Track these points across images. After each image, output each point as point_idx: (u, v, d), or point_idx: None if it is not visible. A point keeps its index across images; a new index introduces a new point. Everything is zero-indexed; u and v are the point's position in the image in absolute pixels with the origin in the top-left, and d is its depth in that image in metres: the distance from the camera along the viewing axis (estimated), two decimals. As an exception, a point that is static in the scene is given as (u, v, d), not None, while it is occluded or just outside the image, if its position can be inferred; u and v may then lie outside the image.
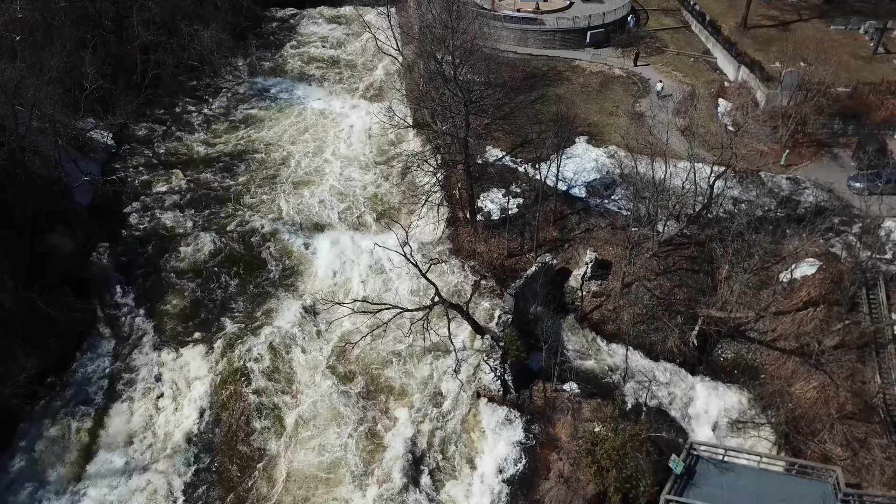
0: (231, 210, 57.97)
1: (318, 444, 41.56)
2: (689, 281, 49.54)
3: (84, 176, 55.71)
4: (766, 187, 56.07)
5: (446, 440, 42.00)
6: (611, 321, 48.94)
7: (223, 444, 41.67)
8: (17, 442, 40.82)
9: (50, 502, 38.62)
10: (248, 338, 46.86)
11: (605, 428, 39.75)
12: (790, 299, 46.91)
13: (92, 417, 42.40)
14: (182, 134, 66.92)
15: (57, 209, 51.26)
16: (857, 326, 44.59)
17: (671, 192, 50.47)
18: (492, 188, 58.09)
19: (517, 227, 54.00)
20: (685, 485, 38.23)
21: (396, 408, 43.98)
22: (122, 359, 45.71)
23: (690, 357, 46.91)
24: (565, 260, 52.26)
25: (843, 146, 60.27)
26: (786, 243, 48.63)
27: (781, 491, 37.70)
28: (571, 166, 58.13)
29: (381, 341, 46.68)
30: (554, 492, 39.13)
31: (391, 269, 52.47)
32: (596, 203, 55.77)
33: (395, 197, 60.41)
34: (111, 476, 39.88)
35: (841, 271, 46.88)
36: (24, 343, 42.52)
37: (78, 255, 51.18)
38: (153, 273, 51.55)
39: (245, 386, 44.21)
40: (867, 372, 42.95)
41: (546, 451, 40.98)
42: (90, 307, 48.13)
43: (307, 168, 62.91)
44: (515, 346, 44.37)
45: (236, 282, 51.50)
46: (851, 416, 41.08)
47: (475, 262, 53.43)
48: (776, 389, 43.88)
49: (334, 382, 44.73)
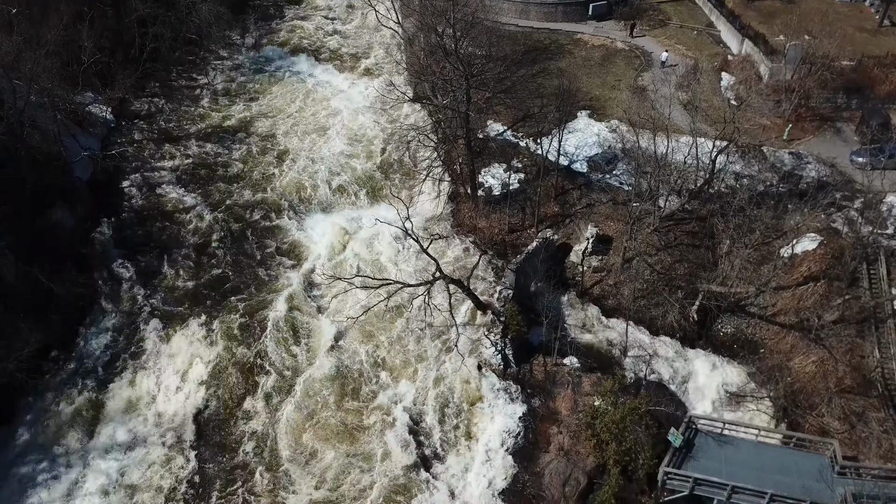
0: (231, 185, 57.82)
1: (321, 417, 41.96)
2: (689, 256, 49.56)
3: (83, 151, 55.43)
4: (768, 162, 55.82)
5: (448, 413, 42.38)
6: (611, 296, 49.09)
7: (226, 417, 42.10)
8: (23, 415, 41.25)
9: (56, 474, 39.09)
10: (249, 312, 47.10)
11: (605, 402, 40.08)
12: (791, 274, 46.98)
13: (96, 391, 42.80)
14: (181, 108, 66.48)
15: (57, 184, 51.09)
16: (857, 301, 44.72)
17: (673, 167, 50.37)
18: (493, 163, 57.88)
19: (518, 202, 53.90)
20: (684, 457, 38.64)
21: (398, 382, 44.30)
22: (125, 333, 45.95)
23: (690, 332, 47.13)
24: (566, 235, 52.25)
25: (846, 120, 59.89)
26: (787, 218, 48.58)
27: (779, 463, 38.09)
28: (573, 141, 57.84)
29: (383, 316, 46.79)
30: (554, 464, 39.57)
31: (392, 245, 52.44)
32: (597, 178, 55.60)
33: (395, 172, 60.18)
34: (116, 449, 40.34)
35: (842, 246, 46.87)
36: (27, 318, 42.67)
37: (79, 230, 51.16)
38: (154, 248, 51.58)
39: (247, 360, 44.52)
40: (866, 346, 43.16)
41: (546, 425, 41.36)
42: (92, 282, 48.26)
43: (307, 143, 62.57)
44: (516, 321, 44.56)
45: (237, 257, 51.54)
46: (850, 390, 41.38)
47: (476, 237, 53.44)
48: (775, 364, 44.17)
49: (336, 357, 45.00)
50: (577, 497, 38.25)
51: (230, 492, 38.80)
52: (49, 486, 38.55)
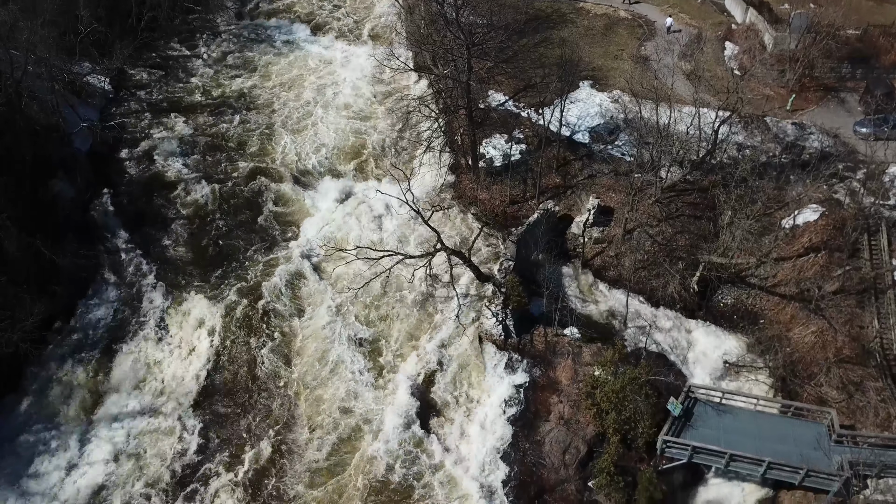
0: (231, 156, 57.56)
1: (324, 388, 42.38)
2: (691, 227, 49.56)
3: (82, 122, 55.11)
4: (771, 133, 55.54)
5: (449, 383, 42.74)
6: (612, 267, 49.18)
7: (229, 387, 42.47)
8: (28, 385, 41.65)
9: (61, 443, 39.57)
10: (250, 283, 47.27)
11: (605, 371, 40.41)
12: (792, 245, 47.03)
13: (99, 361, 43.14)
14: (180, 78, 65.92)
15: (56, 155, 50.96)
16: (858, 272, 44.84)
17: (675, 138, 50.17)
18: (494, 134, 57.58)
19: (519, 173, 53.72)
20: (683, 426, 39.10)
21: (400, 353, 44.60)
22: (128, 304, 46.17)
23: (691, 302, 47.33)
24: (567, 207, 52.18)
25: (850, 90, 59.44)
26: (789, 189, 48.54)
27: (777, 432, 38.54)
28: (575, 111, 57.45)
29: (384, 288, 46.94)
30: (554, 433, 40.02)
31: (393, 216, 52.41)
32: (599, 149, 55.36)
33: (396, 143, 59.85)
34: (120, 418, 40.81)
35: (843, 217, 46.84)
36: (30, 289, 42.82)
37: (79, 201, 51.13)
38: (155, 219, 51.57)
39: (248, 331, 44.78)
40: (865, 317, 43.36)
41: (546, 394, 41.74)
42: (94, 254, 48.30)
43: (307, 113, 62.12)
44: (517, 293, 44.71)
45: (238, 228, 51.55)
46: (848, 360, 41.68)
47: (477, 208, 53.35)
48: (775, 334, 44.43)
49: (338, 329, 45.24)
50: (576, 464, 38.75)
51: (235, 459, 39.30)
52: (55, 454, 39.08)
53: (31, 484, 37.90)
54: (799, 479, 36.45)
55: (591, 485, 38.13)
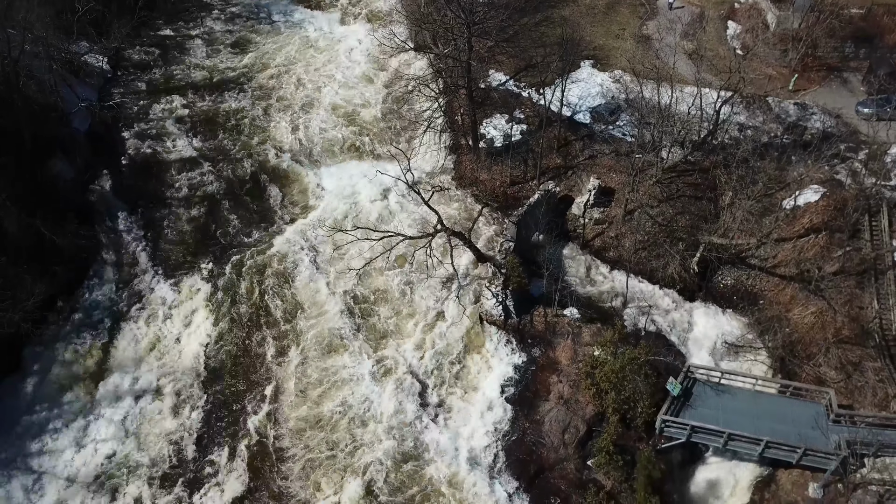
0: (230, 135, 57.37)
1: (325, 366, 42.57)
2: (691, 208, 49.48)
3: (81, 101, 54.88)
4: (772, 113, 55.26)
5: (450, 363, 42.94)
6: (612, 248, 49.18)
7: (229, 365, 42.75)
8: (31, 365, 41.84)
9: (65, 422, 39.86)
10: (250, 264, 47.33)
11: (605, 352, 40.56)
12: (792, 226, 46.95)
13: (101, 341, 43.34)
14: (178, 58, 65.46)
15: (55, 135, 50.77)
16: (858, 253, 44.83)
17: (676, 118, 49.93)
18: (495, 114, 57.31)
19: (520, 154, 53.55)
20: (682, 406, 39.31)
21: (399, 333, 44.76)
22: (128, 284, 46.26)
23: (691, 283, 47.39)
24: (568, 187, 52.07)
25: (853, 70, 59.00)
26: (790, 170, 48.36)
27: (775, 411, 38.76)
28: (576, 91, 57.16)
29: (384, 268, 47.00)
30: (554, 412, 40.27)
31: (393, 197, 52.32)
32: (600, 129, 55.12)
33: (396, 123, 59.56)
34: (123, 396, 41.08)
35: (844, 198, 46.73)
36: (31, 269, 42.89)
37: (79, 182, 51.05)
38: (155, 199, 51.53)
39: (248, 310, 44.97)
40: (865, 298, 43.41)
41: (546, 374, 41.95)
42: (94, 234, 48.35)
43: (306, 93, 61.79)
44: (517, 273, 44.76)
45: (237, 209, 51.52)
46: (847, 340, 41.80)
47: (477, 189, 53.25)
48: (774, 315, 44.54)
49: (339, 307, 45.37)
50: (576, 444, 39.02)
51: (236, 436, 39.60)
52: (59, 433, 39.38)
53: (36, 462, 38.23)
54: (797, 458, 36.74)
55: (591, 463, 38.43)
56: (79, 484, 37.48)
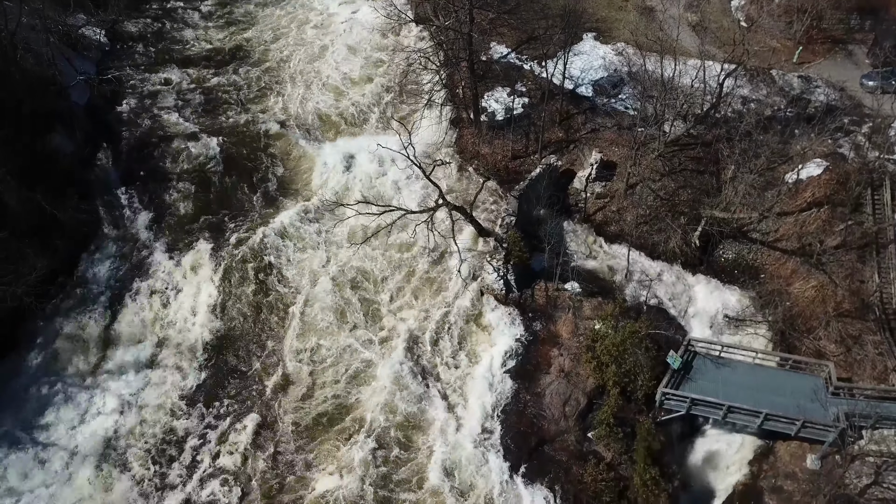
0: (230, 108, 56.97)
1: (327, 338, 42.80)
2: (693, 182, 49.33)
3: (79, 75, 54.36)
4: (776, 86, 54.84)
5: (451, 337, 43.10)
6: (614, 222, 49.14)
7: (231, 339, 42.93)
8: (34, 339, 41.94)
9: (69, 395, 40.10)
10: (251, 238, 47.26)
11: (606, 325, 40.74)
12: (794, 200, 46.86)
13: (103, 315, 43.40)
14: (177, 30, 64.77)
15: (54, 109, 50.39)
16: (860, 227, 44.81)
17: (679, 91, 49.56)
18: (496, 87, 56.85)
19: (522, 127, 53.24)
20: (682, 379, 39.60)
21: (400, 307, 44.89)
22: (129, 258, 46.25)
23: (692, 257, 47.43)
24: (570, 161, 51.85)
25: (858, 42, 58.42)
26: (794, 143, 48.09)
27: (775, 384, 39.04)
28: (578, 64, 56.66)
29: (385, 243, 47.01)
30: (555, 385, 40.53)
31: (394, 171, 52.09)
32: (602, 102, 54.75)
33: (396, 96, 59.14)
34: (127, 371, 41.28)
35: (847, 172, 46.57)
36: (32, 244, 42.82)
37: (79, 156, 50.75)
38: (155, 173, 51.25)
39: (251, 285, 45.01)
40: (866, 271, 43.48)
41: (547, 348, 42.15)
42: (94, 208, 48.21)
43: (306, 66, 61.23)
44: (518, 248, 44.76)
45: (238, 181, 51.31)
46: (847, 314, 41.97)
47: (479, 163, 53.03)
48: (775, 289, 44.66)
49: (340, 281, 45.45)
50: (576, 416, 39.34)
51: (237, 411, 39.92)
52: (63, 407, 39.63)
53: (41, 434, 38.54)
54: (795, 430, 37.10)
55: (591, 436, 38.78)
56: (83, 456, 37.82)
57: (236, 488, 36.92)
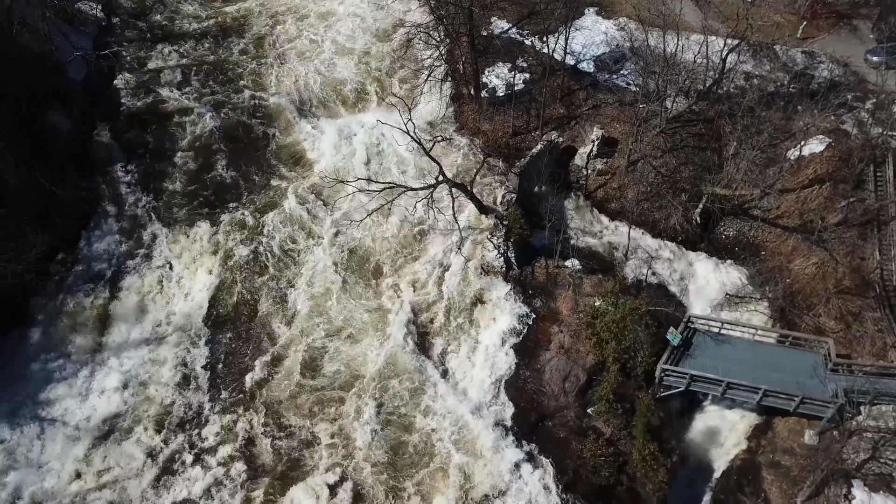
0: (229, 85, 56.40)
1: (326, 317, 42.88)
2: (695, 158, 49.09)
3: (76, 50, 53.73)
4: (780, 61, 54.33)
5: (451, 314, 43.16)
6: (615, 199, 49.01)
7: (232, 316, 42.97)
8: (35, 316, 41.96)
9: (71, 372, 40.21)
10: (252, 215, 47.21)
11: (606, 302, 40.80)
12: (796, 177, 46.67)
13: (105, 293, 43.40)
14: (174, 4, 63.89)
15: (52, 85, 49.91)
16: (862, 204, 44.67)
17: (682, 67, 49.12)
18: (497, 62, 56.38)
19: (523, 103, 52.86)
20: (681, 356, 39.76)
21: (401, 284, 44.88)
22: (129, 236, 46.12)
23: (692, 234, 47.38)
24: (571, 138, 51.55)
25: (863, 17, 57.83)
26: (796, 119, 47.78)
27: (774, 361, 39.20)
28: (580, 39, 56.12)
29: (385, 220, 46.90)
30: (554, 361, 40.69)
31: (394, 148, 51.83)
32: (604, 78, 54.31)
33: (396, 72, 58.63)
34: (128, 348, 41.38)
35: (850, 148, 46.32)
36: (32, 221, 42.62)
37: (77, 132, 50.33)
38: (154, 150, 50.90)
39: (251, 262, 44.98)
40: (867, 248, 43.44)
41: (547, 324, 42.25)
42: (94, 186, 47.90)
43: (306, 42, 60.57)
44: (519, 225, 44.69)
45: (238, 159, 50.97)
46: (848, 291, 42.04)
47: (480, 140, 52.72)
48: (775, 266, 44.67)
49: (339, 258, 45.45)
50: (576, 392, 39.54)
51: (241, 381, 40.19)
52: (65, 383, 39.74)
53: (44, 411, 38.73)
54: (794, 406, 37.32)
55: (591, 411, 39.02)
56: (86, 431, 38.07)
57: (238, 463, 37.23)
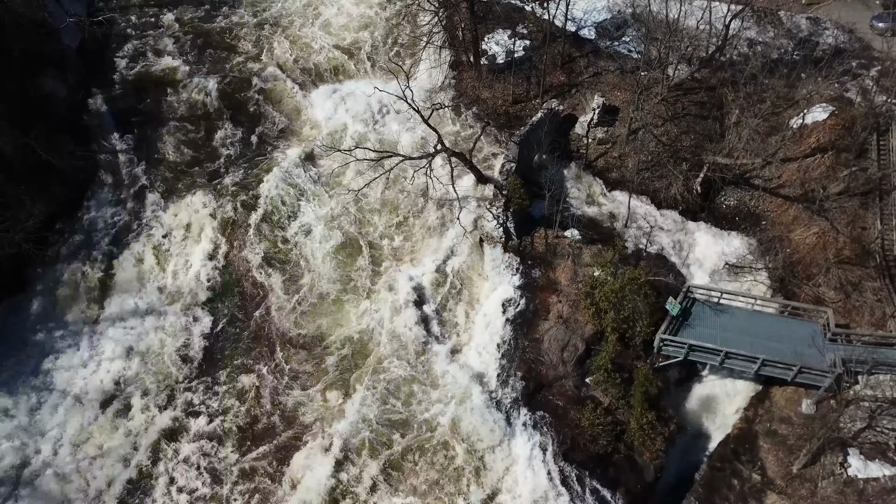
0: (226, 54, 55.66)
1: (326, 285, 42.92)
2: (696, 127, 48.56)
3: (69, 16, 52.90)
4: (784, 28, 53.48)
5: (450, 283, 43.14)
6: (615, 168, 48.62)
7: (231, 285, 43.05)
8: (34, 286, 42.03)
9: (71, 341, 40.45)
10: (249, 184, 46.96)
11: (605, 272, 40.68)
12: (799, 146, 46.17)
13: (103, 262, 43.39)
14: (169, -30, 62.84)
15: (45, 52, 49.25)
16: (864, 173, 44.24)
17: (684, 33, 48.36)
18: (497, 29, 55.50)
19: (523, 71, 52.16)
20: (680, 325, 39.77)
21: (400, 255, 44.80)
22: (127, 204, 45.95)
23: (693, 204, 47.07)
24: (572, 106, 50.97)
25: (871, -18, 56.72)
26: (800, 87, 47.13)
27: (773, 331, 39.23)
28: (581, 5, 55.17)
29: (383, 189, 46.60)
30: (553, 331, 40.74)
31: (392, 116, 51.33)
32: (605, 45, 53.49)
33: (395, 39, 57.74)
34: (127, 317, 41.49)
35: (853, 116, 45.73)
36: (29, 190, 42.48)
37: (73, 100, 49.83)
38: (150, 118, 50.44)
39: (248, 231, 44.82)
40: (868, 218, 43.17)
41: (546, 294, 42.21)
42: (90, 154, 47.54)
43: (303, 8, 59.69)
44: (518, 194, 44.37)
45: (235, 128, 50.53)
46: (848, 260, 41.85)
47: (479, 108, 52.15)
48: (776, 235, 44.46)
49: (337, 228, 45.25)
50: (574, 362, 39.65)
51: (240, 352, 40.38)
52: (64, 352, 40.01)
53: (44, 380, 39.01)
54: (792, 376, 37.41)
55: (589, 381, 39.16)
56: (85, 401, 38.33)
57: (239, 430, 37.55)
